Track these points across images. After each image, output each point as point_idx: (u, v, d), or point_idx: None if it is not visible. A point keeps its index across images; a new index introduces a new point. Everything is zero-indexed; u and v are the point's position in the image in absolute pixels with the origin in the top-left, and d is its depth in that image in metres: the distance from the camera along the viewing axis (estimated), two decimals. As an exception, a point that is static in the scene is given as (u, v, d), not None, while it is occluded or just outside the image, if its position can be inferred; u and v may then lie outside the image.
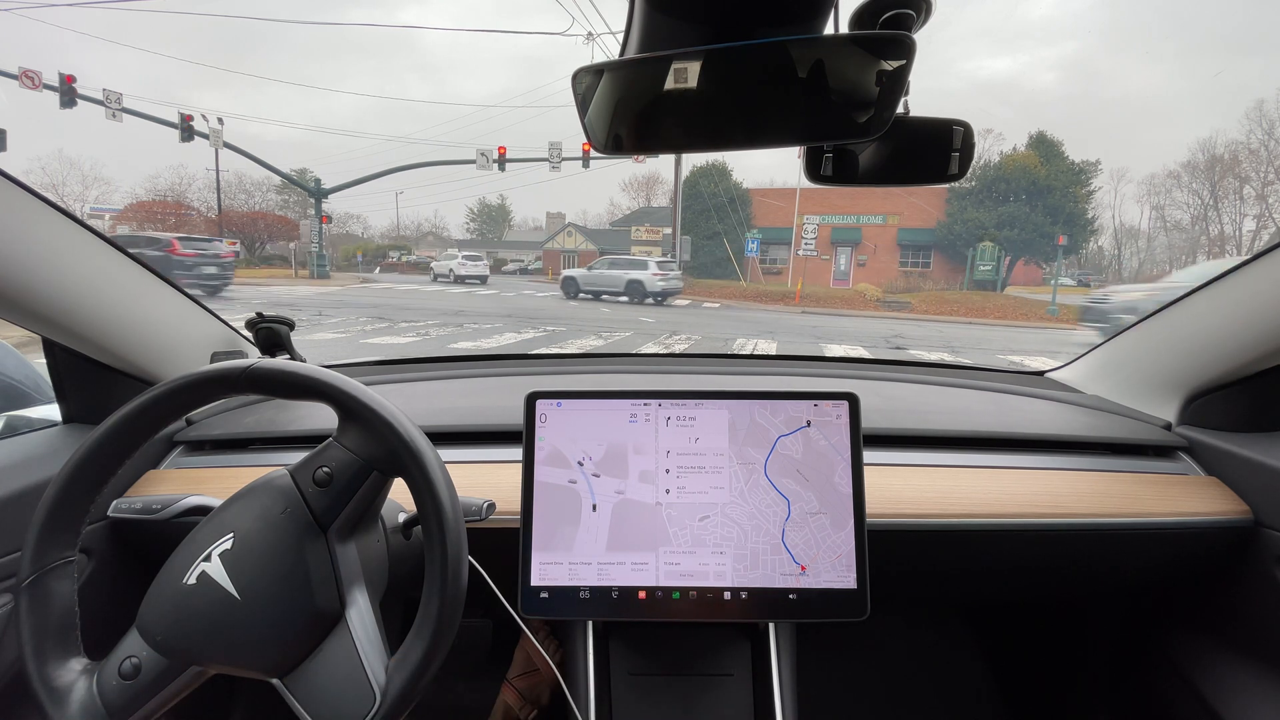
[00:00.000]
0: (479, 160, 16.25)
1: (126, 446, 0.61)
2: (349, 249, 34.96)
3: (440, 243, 42.37)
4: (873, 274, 22.80)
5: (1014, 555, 0.94)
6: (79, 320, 0.86)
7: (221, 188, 30.45)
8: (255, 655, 0.56)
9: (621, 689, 0.84)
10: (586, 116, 0.59)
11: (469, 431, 1.01)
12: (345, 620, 0.58)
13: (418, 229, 46.99)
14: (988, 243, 20.24)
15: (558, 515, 0.78)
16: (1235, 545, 0.91)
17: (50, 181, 30.52)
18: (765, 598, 0.77)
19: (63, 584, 0.59)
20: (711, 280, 22.72)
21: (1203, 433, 1.00)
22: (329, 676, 0.56)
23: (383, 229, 45.95)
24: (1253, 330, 0.88)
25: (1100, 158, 24.91)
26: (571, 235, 35.42)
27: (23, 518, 0.60)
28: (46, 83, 13.09)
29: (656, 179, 41.88)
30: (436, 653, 0.55)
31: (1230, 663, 0.95)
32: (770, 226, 24.00)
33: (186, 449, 1.03)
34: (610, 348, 7.83)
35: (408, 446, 0.57)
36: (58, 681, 0.57)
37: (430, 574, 0.56)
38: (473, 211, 49.91)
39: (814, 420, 0.79)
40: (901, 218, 23.43)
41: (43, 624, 0.58)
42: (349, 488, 0.59)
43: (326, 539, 0.59)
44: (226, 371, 0.60)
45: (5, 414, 1.09)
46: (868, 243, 23.96)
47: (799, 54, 0.53)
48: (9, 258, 0.75)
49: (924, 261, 23.50)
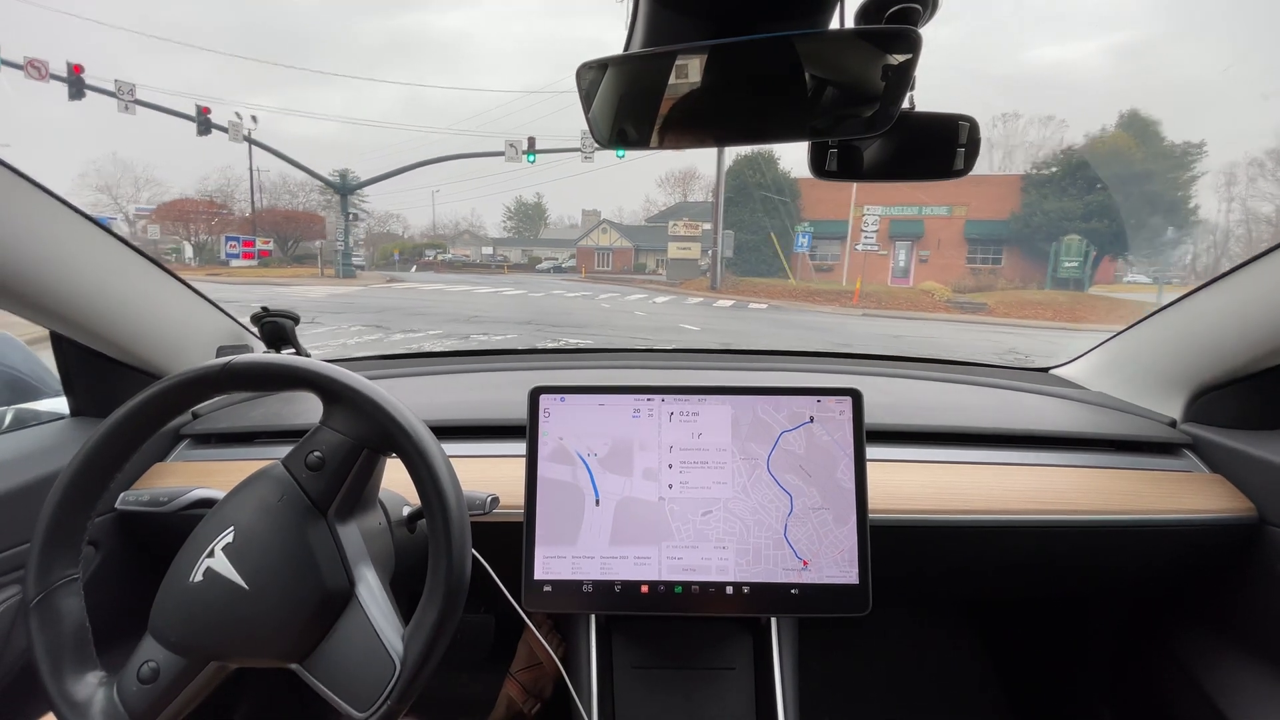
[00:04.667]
0: (508, 152, 15.68)
1: (106, 467, 0.61)
2: (387, 248, 34.86)
3: (476, 241, 42.33)
4: (936, 271, 20.32)
5: (1017, 551, 0.94)
6: (87, 315, 0.87)
7: (266, 188, 30.48)
8: (272, 643, 0.57)
9: (624, 682, 0.84)
10: (590, 111, 0.59)
11: (472, 426, 1.01)
12: (356, 597, 0.58)
13: (455, 227, 47.04)
14: (1074, 237, 17.64)
15: (561, 509, 0.78)
16: (1239, 543, 0.91)
17: (104, 183, 30.38)
18: (767, 592, 0.77)
19: (70, 600, 0.59)
20: (757, 278, 20.66)
21: (1207, 430, 1.00)
22: (348, 653, 0.56)
23: (422, 228, 46.08)
24: (1258, 327, 0.88)
25: (1205, 139, 20.03)
26: (606, 232, 34.33)
27: (32, 510, 0.61)
28: (54, 73, 12.82)
29: (693, 174, 41.09)
30: (450, 616, 0.55)
31: (1233, 660, 0.95)
32: (821, 219, 21.53)
33: (193, 442, 1.04)
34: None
35: (395, 421, 0.57)
36: (78, 695, 0.57)
37: (435, 547, 0.56)
38: (509, 210, 49.80)
39: (817, 416, 0.79)
40: (969, 209, 20.71)
41: (56, 641, 0.58)
42: (341, 468, 0.60)
43: (327, 520, 0.59)
44: (205, 372, 0.60)
45: (14, 407, 1.09)
46: (930, 236, 21.33)
47: (804, 49, 0.53)
48: (18, 253, 0.75)
49: (994, 257, 20.93)
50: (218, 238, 26.40)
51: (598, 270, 32.91)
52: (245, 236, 25.33)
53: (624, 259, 33.70)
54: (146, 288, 0.95)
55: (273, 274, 20.96)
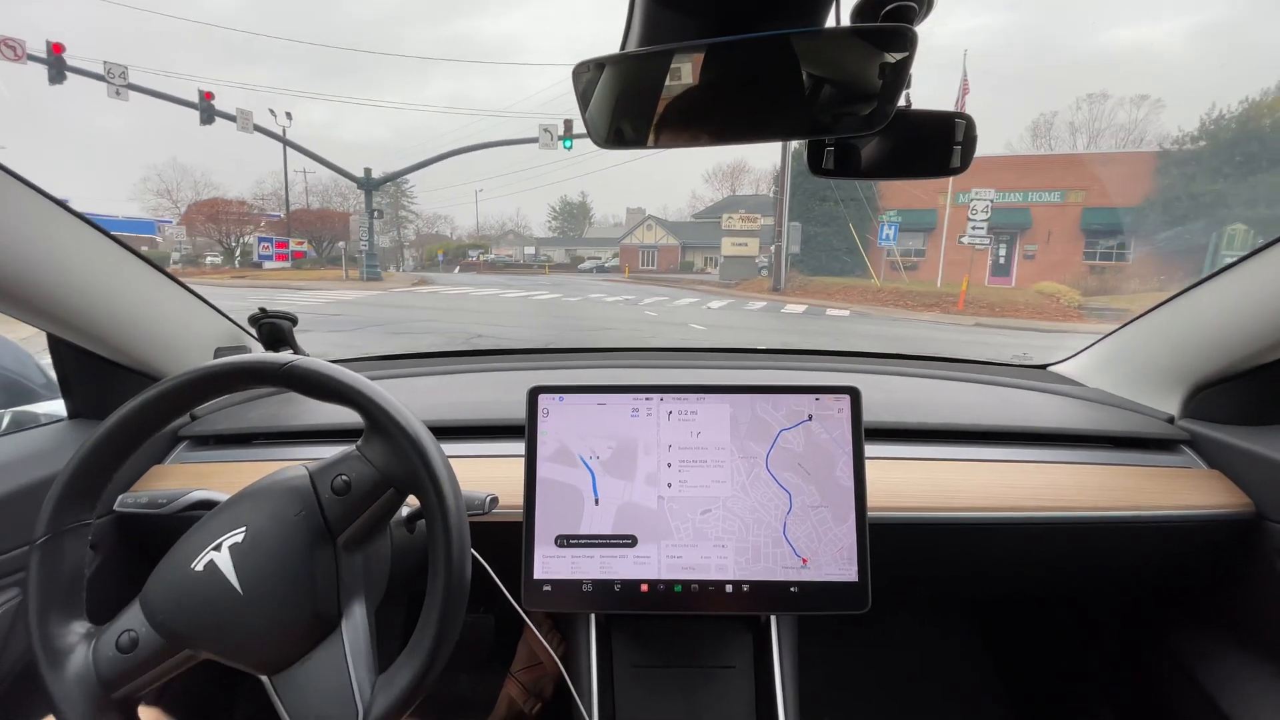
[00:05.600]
0: (541, 138, 14.45)
1: (163, 416, 0.62)
2: (432, 249, 34.70)
3: (520, 240, 42.09)
4: (1045, 269, 16.86)
5: (1016, 549, 0.94)
6: (84, 316, 0.86)
7: (316, 190, 30.51)
8: (248, 651, 0.57)
9: (624, 681, 0.84)
10: (587, 111, 0.59)
11: (472, 426, 1.01)
12: (339, 630, 0.58)
13: (501, 227, 47.21)
14: (1239, 226, 13.54)
15: (560, 509, 0.78)
16: (1238, 538, 0.91)
17: (165, 186, 31.51)
18: (767, 591, 0.77)
19: (77, 546, 0.60)
20: (829, 278, 17.41)
21: (1205, 426, 1.00)
22: (315, 683, 0.56)
23: (470, 228, 46.32)
24: (1255, 323, 0.88)
25: None
26: (651, 229, 32.79)
27: (29, 513, 0.61)
28: (31, 53, 11.87)
29: (743, 168, 39.86)
30: (424, 680, 0.55)
31: (1232, 656, 0.95)
32: (907, 209, 17.92)
33: (191, 444, 1.03)
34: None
35: (430, 468, 0.58)
36: (58, 642, 0.57)
37: (428, 612, 0.56)
38: (554, 209, 49.91)
39: (815, 414, 0.80)
40: (1087, 194, 17.12)
41: (52, 582, 0.58)
42: (364, 500, 0.60)
43: (335, 547, 0.60)
44: (264, 365, 0.60)
45: (11, 410, 1.09)
46: (1039, 228, 17.79)
47: (801, 47, 0.53)
48: (15, 255, 0.75)
49: (1118, 251, 17.24)
50: (252, 239, 25.98)
51: (642, 270, 31.57)
52: (279, 237, 24.80)
53: (670, 257, 32.44)
54: (143, 288, 0.94)
55: (298, 277, 20.27)
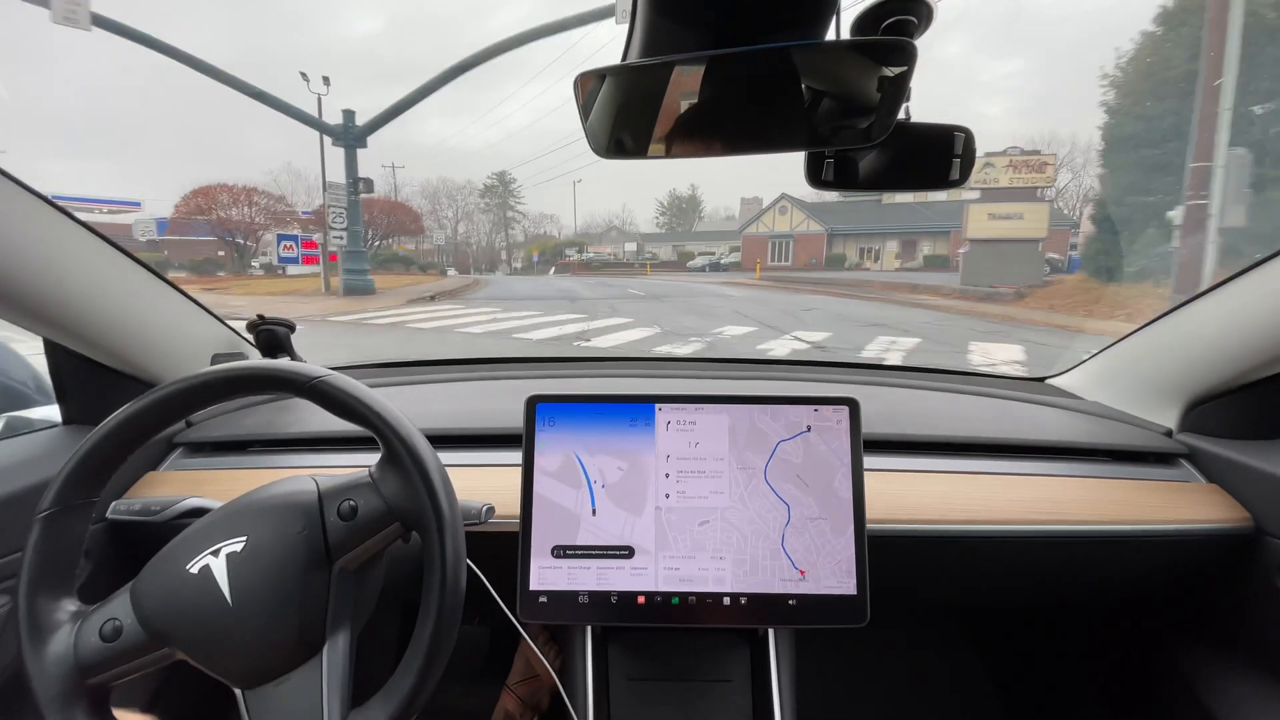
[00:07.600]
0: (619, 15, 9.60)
1: (190, 406, 0.61)
2: (529, 249, 33.76)
3: (623, 237, 40.32)
4: None
5: (1014, 562, 0.93)
6: (80, 321, 0.86)
7: (422, 193, 28.54)
8: (226, 662, 0.57)
9: (620, 694, 0.83)
10: (588, 121, 0.59)
11: (469, 434, 1.01)
12: (320, 657, 0.58)
13: (606, 224, 45.86)
14: None
15: (557, 519, 0.78)
16: (1236, 553, 0.91)
17: (281, 191, 31.18)
18: (764, 603, 0.76)
19: (78, 524, 0.60)
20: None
21: (1204, 440, 1.00)
22: (287, 704, 0.56)
23: (581, 226, 45.32)
24: (1254, 337, 0.88)
25: None
26: (785, 213, 24.45)
27: (22, 518, 0.60)
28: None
29: None
30: (418, 697, 0.55)
31: (1231, 671, 0.94)
32: None
33: (186, 451, 1.03)
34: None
35: (438, 507, 0.57)
36: (44, 618, 0.57)
37: (421, 627, 0.56)
38: (662, 204, 48.23)
39: (814, 425, 0.79)
40: None
41: (48, 556, 0.58)
42: (368, 530, 0.60)
43: (330, 571, 0.59)
44: (296, 375, 0.60)
45: (5, 415, 1.08)
46: None
47: (801, 60, 0.54)
48: (11, 259, 0.75)
49: None
50: (271, 237, 21.07)
51: (772, 266, 23.32)
52: (305, 235, 17.87)
53: (811, 248, 23.98)
54: (140, 294, 0.94)
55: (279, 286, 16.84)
